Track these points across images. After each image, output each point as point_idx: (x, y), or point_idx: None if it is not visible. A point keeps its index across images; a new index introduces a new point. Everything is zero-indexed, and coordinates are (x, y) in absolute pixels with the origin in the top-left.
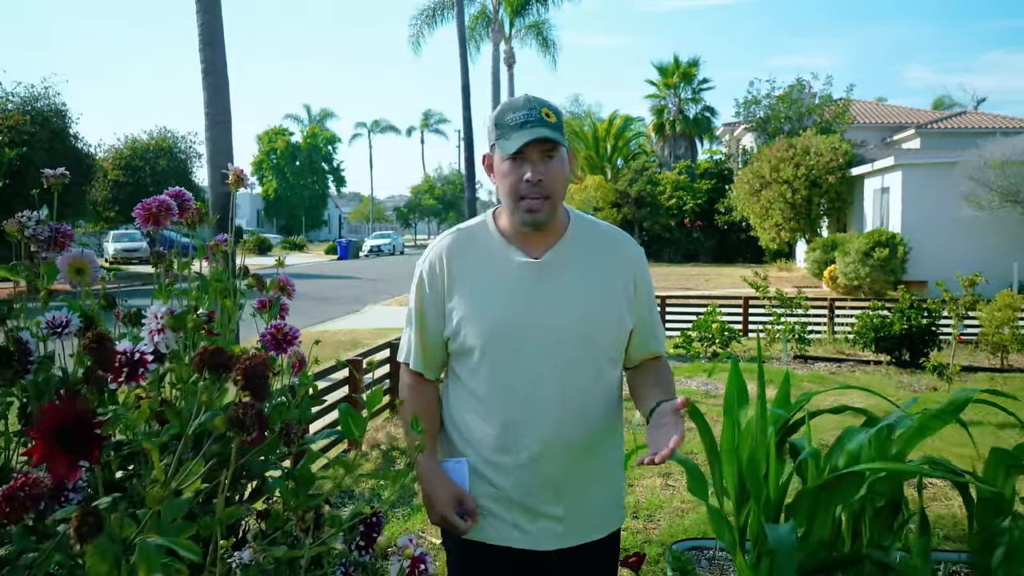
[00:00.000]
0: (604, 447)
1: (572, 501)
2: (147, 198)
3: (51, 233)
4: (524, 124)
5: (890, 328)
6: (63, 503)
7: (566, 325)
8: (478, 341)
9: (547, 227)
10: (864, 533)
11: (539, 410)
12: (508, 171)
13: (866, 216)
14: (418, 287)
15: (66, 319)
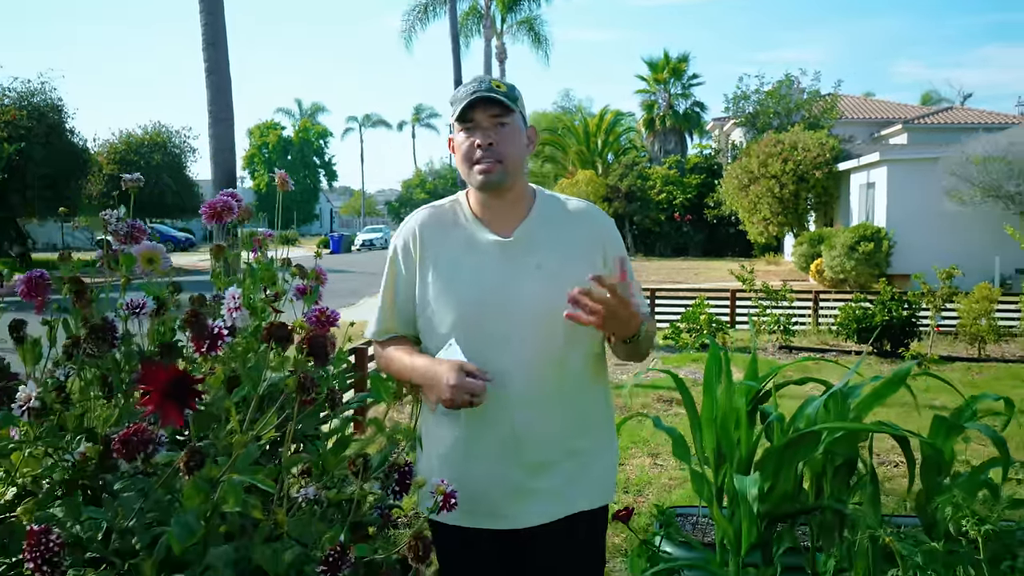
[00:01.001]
0: (584, 424)
1: (549, 479)
2: (142, 192)
3: (128, 228)
4: (473, 93)
5: (872, 319)
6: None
7: (534, 300)
8: (447, 318)
9: (505, 193)
10: (825, 489)
11: (510, 387)
12: (462, 140)
13: (852, 211)
14: (391, 262)
15: (142, 301)
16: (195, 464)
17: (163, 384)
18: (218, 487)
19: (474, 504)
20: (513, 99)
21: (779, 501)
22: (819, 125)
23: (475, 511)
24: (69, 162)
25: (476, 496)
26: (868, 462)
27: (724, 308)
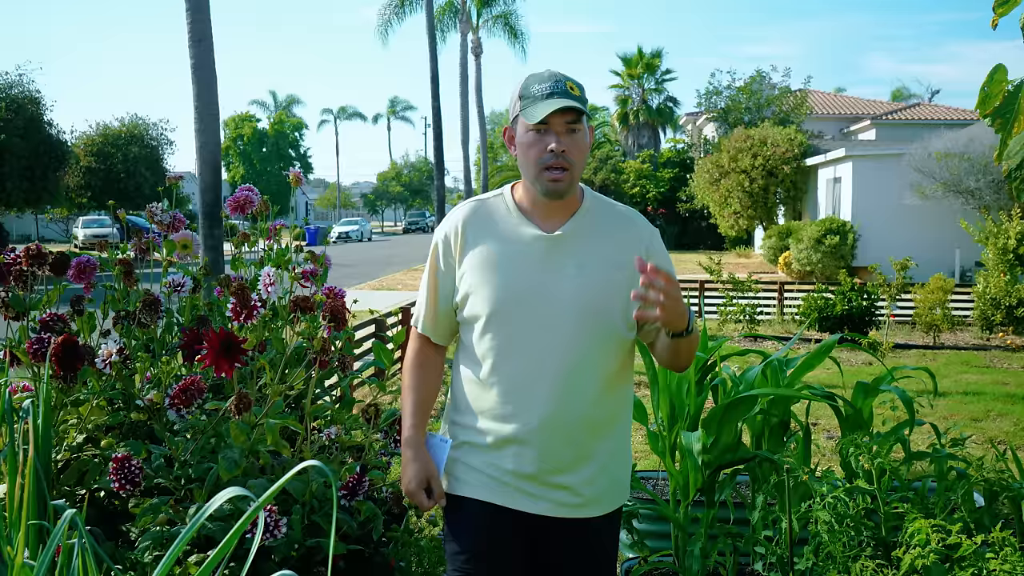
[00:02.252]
0: (608, 423)
1: (571, 475)
2: (119, 184)
3: (171, 220)
4: (550, 95)
5: (832, 309)
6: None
7: (572, 298)
8: (484, 309)
9: (566, 198)
10: (763, 444)
11: (540, 382)
12: (532, 141)
13: (820, 205)
14: (433, 254)
15: (183, 280)
16: (244, 406)
17: (217, 344)
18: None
19: (497, 482)
20: (585, 103)
21: (721, 453)
22: (789, 121)
23: (496, 488)
24: (47, 154)
25: (500, 475)
26: (801, 422)
27: (693, 298)
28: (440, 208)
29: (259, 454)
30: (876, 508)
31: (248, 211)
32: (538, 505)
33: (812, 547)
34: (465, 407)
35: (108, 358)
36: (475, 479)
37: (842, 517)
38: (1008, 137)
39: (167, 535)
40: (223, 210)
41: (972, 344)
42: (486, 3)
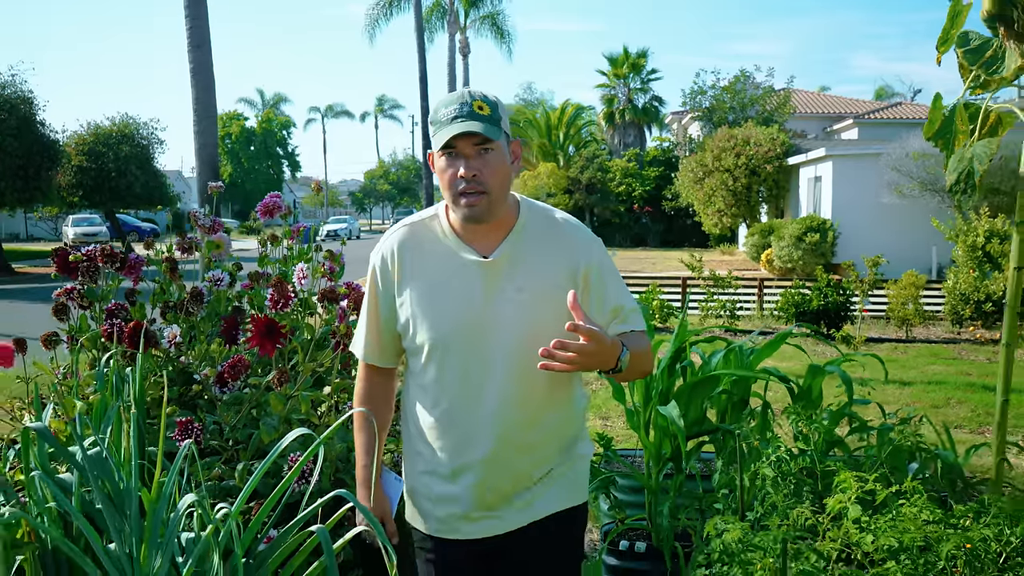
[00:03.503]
0: (559, 443)
1: (516, 497)
2: (110, 183)
3: (211, 223)
4: (455, 119)
5: (809, 304)
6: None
7: (512, 323)
8: (426, 340)
9: (489, 221)
10: (727, 420)
11: (486, 411)
12: (444, 166)
13: (801, 203)
14: (371, 280)
15: (222, 276)
16: (283, 379)
17: (262, 328)
18: (289, 401)
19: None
20: (497, 122)
21: (689, 426)
22: (773, 120)
23: (446, 526)
24: (40, 153)
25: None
26: (762, 397)
27: (676, 295)
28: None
29: (292, 422)
30: (814, 467)
31: (275, 215)
32: (486, 527)
33: (759, 499)
34: (415, 433)
35: (173, 339)
36: (426, 515)
37: (784, 474)
38: (950, 154)
39: (219, 488)
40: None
41: (943, 338)
42: (473, 3)
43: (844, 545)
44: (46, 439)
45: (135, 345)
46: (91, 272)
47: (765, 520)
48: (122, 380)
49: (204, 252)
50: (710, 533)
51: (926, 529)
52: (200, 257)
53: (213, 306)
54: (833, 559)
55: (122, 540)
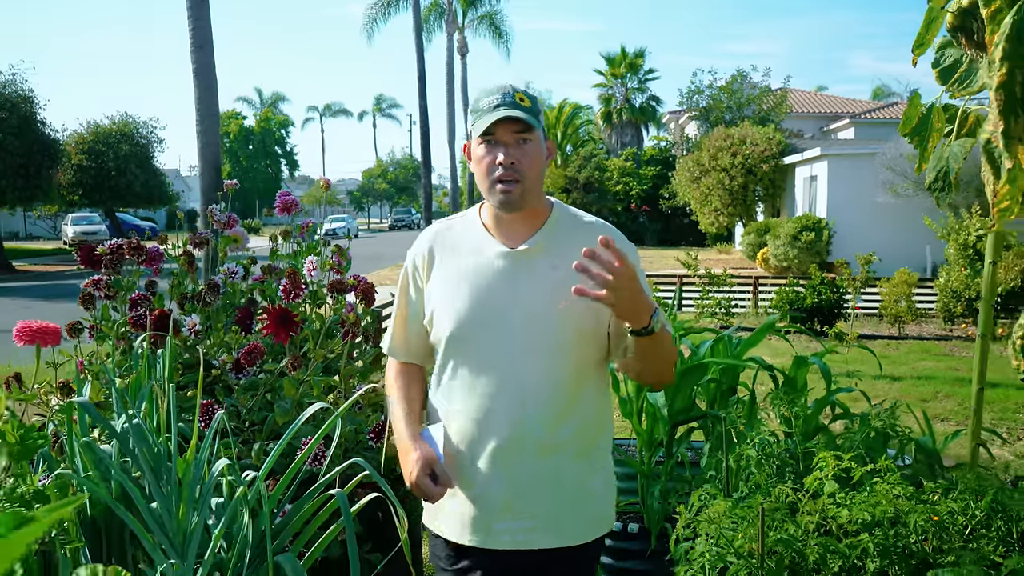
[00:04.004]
0: (581, 447)
1: (540, 502)
2: (109, 181)
3: (227, 219)
4: (497, 107)
5: (803, 302)
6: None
7: (537, 316)
8: (448, 328)
9: (523, 211)
10: (715, 407)
11: (504, 403)
12: (483, 154)
13: (797, 202)
14: (403, 279)
15: (237, 269)
16: (296, 364)
17: (277, 317)
18: (301, 386)
19: (467, 519)
20: (536, 114)
21: (679, 412)
22: (769, 120)
23: (466, 527)
24: (41, 152)
25: (467, 513)
26: (748, 387)
27: (672, 293)
28: (427, 205)
29: (303, 405)
30: (796, 450)
31: (292, 212)
32: (506, 539)
33: (743, 478)
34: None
35: (192, 327)
36: (446, 516)
37: (767, 456)
38: (925, 152)
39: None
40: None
41: (935, 335)
42: (471, 3)
43: (822, 519)
44: (89, 411)
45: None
46: (115, 264)
47: (749, 499)
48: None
49: (220, 247)
50: (694, 504)
51: (897, 503)
52: (205, 252)
53: (228, 297)
54: (811, 532)
55: (163, 499)
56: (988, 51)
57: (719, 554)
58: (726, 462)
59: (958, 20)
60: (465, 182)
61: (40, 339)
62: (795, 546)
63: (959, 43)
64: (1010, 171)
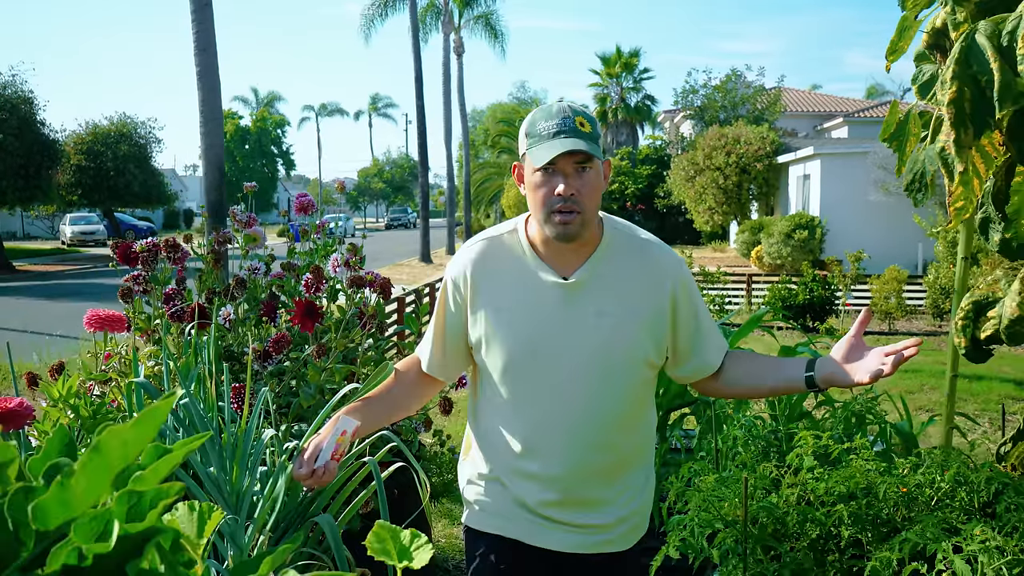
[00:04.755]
0: (632, 461)
1: (595, 514)
2: (108, 181)
3: (247, 219)
4: (557, 134)
5: (795, 298)
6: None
7: (592, 347)
8: (501, 360)
9: (580, 240)
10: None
11: (560, 434)
12: (539, 183)
13: (790, 201)
14: (443, 294)
15: (260, 265)
16: (321, 353)
17: (302, 309)
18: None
19: (517, 517)
20: (596, 139)
21: (672, 398)
22: (763, 119)
23: (517, 522)
24: (41, 153)
25: (521, 510)
26: None
27: None
28: (424, 204)
29: (325, 391)
30: (780, 431)
31: (309, 212)
32: (559, 540)
33: (730, 457)
34: (485, 446)
35: (227, 317)
36: (495, 513)
37: (753, 436)
38: (903, 156)
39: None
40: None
41: (924, 330)
42: (467, 3)
43: (802, 492)
44: (147, 389)
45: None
46: (150, 261)
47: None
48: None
49: (241, 245)
50: (684, 475)
51: (870, 476)
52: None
53: (250, 292)
54: (792, 503)
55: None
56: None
57: (707, 520)
58: (715, 443)
59: (932, 39)
60: (462, 181)
61: (108, 326)
62: (776, 513)
63: (935, 59)
64: (962, 175)
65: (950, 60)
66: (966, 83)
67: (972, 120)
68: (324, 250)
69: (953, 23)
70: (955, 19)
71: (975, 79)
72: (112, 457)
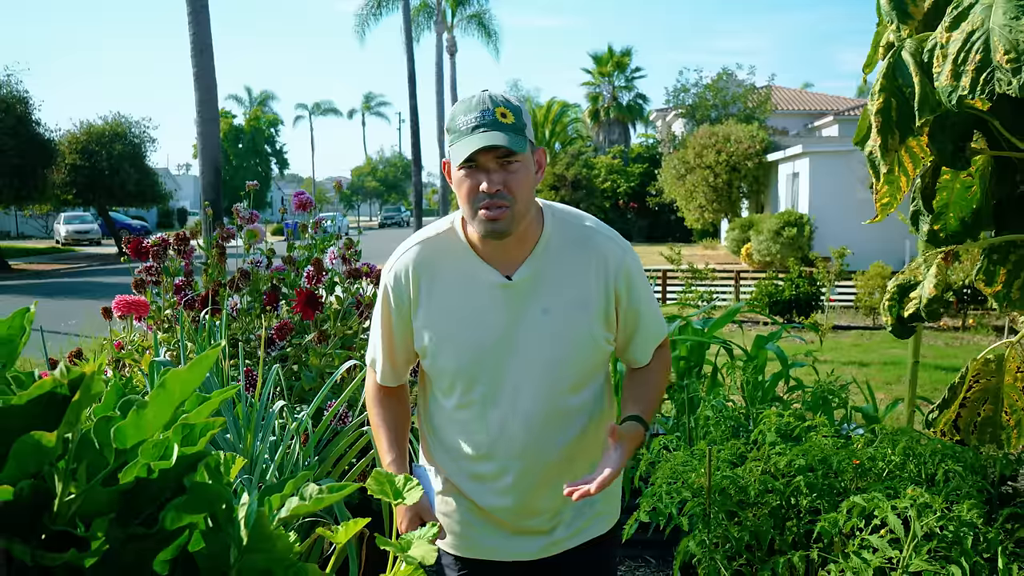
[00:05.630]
0: (592, 455)
1: (552, 518)
2: (104, 181)
3: (250, 216)
4: (475, 128)
5: (782, 294)
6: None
7: (539, 346)
8: (450, 365)
9: (511, 235)
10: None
11: (514, 434)
12: (463, 179)
13: (780, 198)
14: (383, 300)
15: (262, 259)
16: (322, 338)
17: (304, 299)
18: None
19: (469, 539)
20: (521, 130)
21: None
22: (754, 118)
23: (471, 545)
24: (36, 152)
25: (472, 533)
26: (712, 364)
27: (657, 288)
28: (418, 202)
29: (324, 375)
30: (749, 412)
31: (308, 210)
32: (517, 550)
33: (701, 435)
34: (438, 447)
35: (234, 306)
36: (451, 532)
37: (723, 417)
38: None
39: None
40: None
41: None
42: (460, 3)
43: (766, 466)
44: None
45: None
46: (161, 256)
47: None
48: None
49: (244, 241)
50: (655, 448)
51: (825, 450)
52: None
53: (254, 284)
54: (756, 475)
55: (235, 431)
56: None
57: (676, 489)
58: (688, 422)
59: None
60: None
61: (135, 310)
62: (740, 483)
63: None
64: (887, 175)
65: (879, 74)
66: (892, 94)
67: (898, 126)
68: (322, 245)
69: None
70: (899, 36)
71: (900, 91)
72: (174, 392)
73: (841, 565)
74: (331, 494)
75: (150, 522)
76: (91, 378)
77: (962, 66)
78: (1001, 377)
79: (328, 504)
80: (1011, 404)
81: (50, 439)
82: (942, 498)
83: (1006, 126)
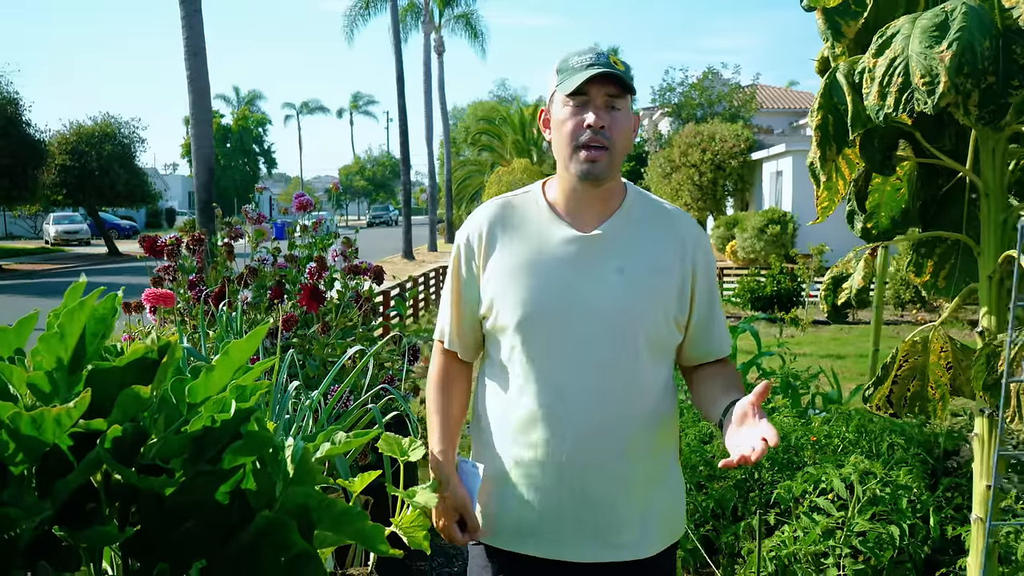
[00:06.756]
0: (652, 449)
1: (611, 511)
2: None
3: (257, 216)
4: (590, 65)
5: (763, 290)
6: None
7: (611, 305)
8: (511, 319)
9: (603, 186)
10: None
11: (573, 403)
12: (568, 116)
13: (764, 196)
14: (455, 260)
15: (269, 257)
16: (325, 330)
17: (308, 292)
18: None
19: (525, 526)
20: (631, 79)
21: None
22: (739, 116)
23: (524, 534)
24: (26, 153)
25: (522, 520)
26: None
27: None
28: (407, 201)
29: (327, 364)
30: None
31: (308, 211)
32: (572, 551)
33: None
34: (489, 429)
35: (245, 300)
36: (499, 523)
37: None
38: None
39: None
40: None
41: (885, 320)
42: (448, 3)
43: None
44: (191, 353)
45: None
46: (176, 254)
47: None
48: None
49: (251, 240)
50: None
51: (785, 428)
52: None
53: (260, 280)
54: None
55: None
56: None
57: None
58: None
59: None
60: (443, 179)
61: (162, 301)
62: (706, 458)
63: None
64: (826, 182)
65: (817, 93)
66: (829, 111)
67: (835, 140)
68: (322, 243)
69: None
70: (834, 52)
71: (836, 108)
72: (235, 358)
73: (793, 525)
74: (356, 439)
75: (213, 462)
76: (175, 346)
77: (887, 87)
78: (927, 357)
79: (355, 447)
80: (936, 380)
81: (146, 392)
82: (881, 465)
83: (927, 138)
